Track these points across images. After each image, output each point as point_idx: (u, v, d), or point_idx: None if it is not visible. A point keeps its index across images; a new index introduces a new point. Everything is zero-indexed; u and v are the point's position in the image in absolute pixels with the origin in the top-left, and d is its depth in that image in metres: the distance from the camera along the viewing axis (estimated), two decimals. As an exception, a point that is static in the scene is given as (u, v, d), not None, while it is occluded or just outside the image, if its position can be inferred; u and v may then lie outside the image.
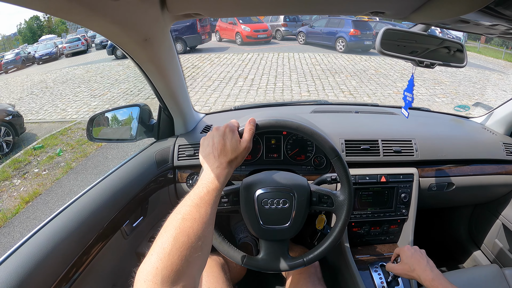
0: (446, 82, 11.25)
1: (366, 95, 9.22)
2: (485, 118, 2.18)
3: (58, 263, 1.06)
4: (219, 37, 20.25)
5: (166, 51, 1.27)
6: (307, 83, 10.38)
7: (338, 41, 16.50)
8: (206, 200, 0.87)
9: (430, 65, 1.27)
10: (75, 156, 6.25)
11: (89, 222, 1.22)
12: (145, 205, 1.62)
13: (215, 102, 8.54)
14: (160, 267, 0.71)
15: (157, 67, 1.29)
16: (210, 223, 0.86)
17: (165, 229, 0.80)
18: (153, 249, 0.75)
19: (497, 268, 1.67)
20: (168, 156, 1.68)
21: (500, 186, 1.98)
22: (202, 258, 0.81)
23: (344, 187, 1.18)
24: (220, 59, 14.18)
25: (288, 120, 1.12)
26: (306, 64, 13.24)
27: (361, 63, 13.62)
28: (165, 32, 1.16)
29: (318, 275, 1.60)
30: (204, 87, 9.93)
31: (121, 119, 1.74)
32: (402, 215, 1.77)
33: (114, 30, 0.96)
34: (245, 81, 10.62)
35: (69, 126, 7.88)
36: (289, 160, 1.73)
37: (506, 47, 22.00)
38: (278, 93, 9.35)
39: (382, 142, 1.75)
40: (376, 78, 11.10)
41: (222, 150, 0.97)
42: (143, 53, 1.17)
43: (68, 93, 11.40)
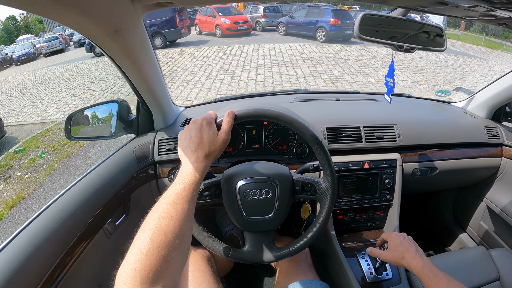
0: (427, 69, 11.37)
1: (348, 84, 9.28)
2: (466, 103, 2.20)
3: (41, 266, 1.04)
4: (199, 30, 20.15)
5: (140, 43, 1.23)
6: (288, 73, 10.39)
7: (318, 31, 16.53)
8: (183, 196, 0.85)
9: (410, 50, 1.26)
10: (58, 157, 6.16)
11: (70, 222, 1.19)
12: (127, 203, 1.58)
13: (197, 96, 8.52)
14: (138, 268, 0.70)
15: (131, 59, 1.25)
16: (188, 220, 0.84)
17: (142, 229, 0.79)
18: (131, 251, 0.74)
19: (483, 249, 1.69)
20: (148, 151, 1.65)
21: (483, 169, 2.00)
22: (181, 257, 0.80)
23: (326, 175, 1.17)
24: (200, 53, 14.13)
25: (267, 109, 1.10)
26: (287, 54, 13.26)
27: (342, 52, 13.69)
28: (137, 23, 1.12)
29: (308, 261, 1.60)
30: (185, 81, 9.89)
31: (99, 116, 1.69)
32: (386, 200, 1.77)
33: (83, 22, 0.92)
34: (226, 73, 10.59)
35: (50, 127, 7.77)
36: (271, 150, 1.71)
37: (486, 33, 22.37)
38: (259, 85, 9.35)
39: (364, 128, 1.75)
40: (357, 67, 11.18)
41: (199, 143, 0.95)
42: (115, 45, 1.13)
43: (48, 94, 11.23)
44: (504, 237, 2.05)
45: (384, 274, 1.53)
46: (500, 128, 2.00)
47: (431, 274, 1.07)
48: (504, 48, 20.11)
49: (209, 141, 0.95)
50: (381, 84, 9.11)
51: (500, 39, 23.00)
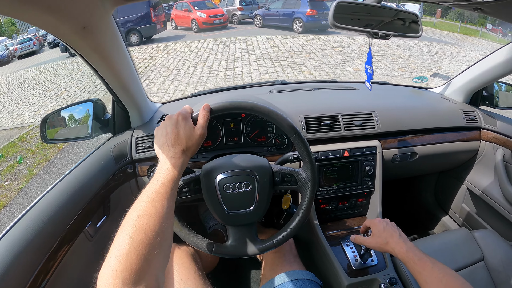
0: (404, 56, 11.47)
1: (326, 74, 9.30)
2: (444, 88, 2.22)
3: (22, 274, 1.02)
4: (175, 26, 19.96)
5: (110, 39, 1.20)
6: (266, 65, 10.37)
7: (295, 22, 16.51)
8: (162, 193, 0.85)
9: (385, 36, 1.25)
10: (37, 161, 6.05)
11: (49, 227, 1.16)
12: (107, 204, 1.56)
13: (175, 92, 8.45)
14: (119, 269, 0.70)
15: (102, 56, 1.22)
16: (168, 217, 0.84)
17: (122, 228, 0.78)
18: (111, 251, 0.74)
19: (466, 231, 1.72)
20: (125, 150, 1.63)
21: (462, 153, 2.04)
22: (162, 255, 0.80)
23: (306, 164, 1.17)
24: (177, 48, 14.01)
25: (243, 101, 1.10)
26: (264, 46, 13.23)
27: (319, 43, 13.71)
28: (106, 18, 1.10)
29: (293, 252, 1.60)
30: (162, 77, 9.80)
31: (75, 117, 1.65)
32: (368, 187, 1.79)
33: (48, 20, 0.90)
34: (203, 68, 10.53)
35: (27, 132, 7.61)
36: (250, 143, 1.71)
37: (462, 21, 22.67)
38: (237, 78, 9.32)
39: (342, 117, 1.76)
40: (335, 57, 11.20)
41: (176, 139, 0.94)
42: (83, 42, 1.10)
43: (24, 97, 10.97)
44: (486, 218, 2.09)
45: (369, 261, 1.53)
46: (478, 112, 2.03)
47: (415, 258, 1.07)
48: (479, 34, 20.44)
49: (186, 137, 0.94)
50: (359, 73, 9.19)
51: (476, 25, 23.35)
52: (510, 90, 2.12)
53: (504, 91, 2.12)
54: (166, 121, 0.99)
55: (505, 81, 2.07)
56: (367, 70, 1.47)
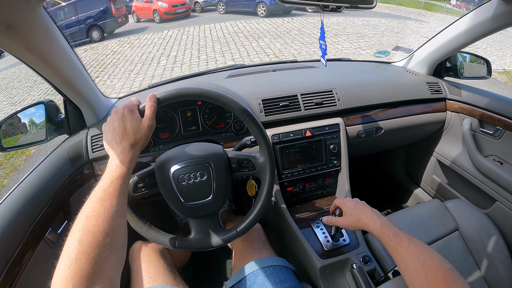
0: (369, 34, 11.61)
1: (292, 56, 9.34)
2: (407, 61, 2.22)
3: None
4: (137, 18, 19.69)
5: (42, 36, 1.12)
6: (231, 51, 10.35)
7: (258, 6, 16.47)
8: (110, 191, 0.82)
9: (336, 9, 1.20)
10: (5, 172, 5.88)
11: (6, 238, 1.10)
12: (67, 208, 1.49)
13: (140, 86, 8.33)
14: (69, 275, 0.67)
15: (37, 55, 1.15)
16: (118, 216, 0.80)
17: (71, 233, 0.75)
18: (61, 258, 0.71)
19: (439, 202, 1.74)
20: (81, 150, 1.56)
21: (429, 124, 2.04)
22: (115, 256, 0.76)
23: (262, 148, 1.15)
24: (140, 41, 13.85)
25: (190, 88, 1.06)
26: (228, 33, 13.20)
27: (284, 25, 13.75)
28: (33, 15, 1.02)
29: (262, 238, 1.58)
30: (127, 72, 9.67)
31: (28, 121, 1.58)
32: (334, 166, 1.77)
33: None
34: (168, 59, 10.44)
35: (-7, 143, 7.35)
36: (208, 130, 1.66)
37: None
38: (203, 67, 9.28)
39: (301, 96, 1.73)
40: (300, 38, 11.26)
41: (123, 133, 0.91)
42: (11, 42, 1.02)
43: (-14, 106, 10.68)
44: (457, 188, 2.11)
45: (341, 240, 1.52)
46: (442, 83, 2.04)
47: (391, 233, 1.03)
48: (444, 10, 20.73)
49: (133, 130, 0.92)
50: (326, 52, 9.19)
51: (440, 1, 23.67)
52: (474, 61, 2.12)
53: (468, 62, 2.12)
54: (113, 115, 0.95)
55: (469, 51, 2.07)
56: (321, 45, 1.45)
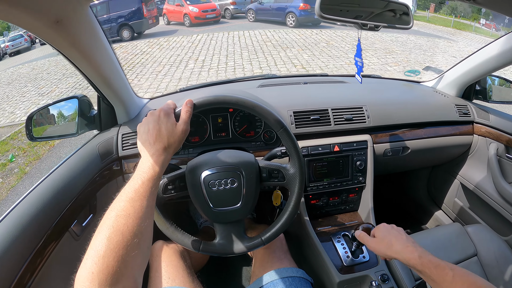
0: (397, 50, 11.50)
1: (319, 68, 9.31)
2: (436, 82, 2.21)
3: (6, 275, 0.99)
4: (167, 20, 19.90)
5: (88, 33, 1.16)
6: (258, 60, 10.37)
7: (288, 16, 16.49)
8: (141, 192, 0.82)
9: (374, 28, 1.23)
10: (28, 160, 6.00)
11: (33, 228, 1.13)
12: (93, 202, 1.52)
13: (167, 87, 8.42)
14: (95, 271, 0.68)
15: (80, 51, 1.18)
16: (147, 217, 0.81)
17: (99, 229, 0.76)
18: (88, 253, 0.72)
19: (459, 226, 1.71)
20: (112, 147, 1.59)
21: (455, 147, 2.02)
22: (141, 256, 0.77)
23: (293, 159, 1.15)
24: (169, 43, 13.97)
25: (227, 96, 1.07)
26: (257, 41, 13.22)
27: (312, 37, 13.71)
28: (81, 12, 1.07)
29: (283, 248, 1.58)
30: (154, 73, 9.77)
31: (60, 114, 1.62)
32: (359, 183, 1.77)
33: (17, 13, 0.86)
34: (196, 63, 10.50)
35: (18, 130, 7.54)
36: (238, 138, 1.68)
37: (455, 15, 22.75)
38: (230, 72, 9.30)
39: (332, 111, 1.74)
40: (327, 51, 11.21)
41: (158, 136, 0.92)
42: (58, 37, 1.06)
43: (15, 94, 10.89)
44: (478, 213, 2.08)
45: (360, 257, 1.52)
46: (471, 105, 2.02)
47: (431, 265, 0.97)
48: (473, 29, 20.52)
49: (167, 133, 0.92)
50: (352, 67, 9.17)
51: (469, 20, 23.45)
52: (503, 84, 2.11)
53: (497, 85, 2.10)
54: (148, 117, 0.96)
55: (498, 75, 2.05)
56: (356, 62, 1.45)
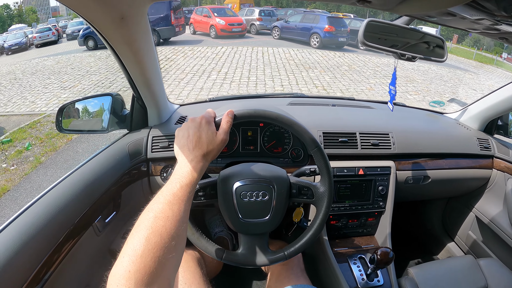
0: (418, 80, 11.46)
1: (340, 91, 9.30)
2: (460, 114, 2.22)
3: (28, 263, 1.01)
4: (193, 30, 20.08)
5: (143, 33, 1.22)
6: (280, 77, 10.41)
7: (312, 37, 16.60)
8: (180, 196, 0.84)
9: (412, 58, 1.26)
10: (45, 150, 6.05)
11: (59, 218, 1.15)
12: (117, 200, 1.55)
13: (188, 95, 8.47)
14: (132, 270, 0.69)
15: (132, 50, 1.24)
16: (184, 221, 0.83)
17: (137, 229, 0.77)
18: (125, 251, 0.72)
19: (472, 258, 1.71)
20: (141, 148, 1.62)
21: (474, 180, 2.02)
22: (176, 258, 0.79)
23: (324, 179, 1.16)
24: (193, 52, 14.07)
25: (267, 110, 1.09)
26: (280, 58, 13.27)
27: (335, 59, 13.73)
28: (142, 12, 1.12)
29: (301, 266, 1.58)
30: (177, 80, 9.84)
31: (92, 109, 1.66)
32: (379, 207, 1.78)
33: (90, 5, 0.92)
34: (218, 74, 10.56)
35: (38, 119, 7.63)
36: (266, 153, 1.71)
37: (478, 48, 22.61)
38: (251, 87, 9.33)
39: (360, 134, 1.76)
40: (349, 74, 11.22)
41: (198, 142, 0.93)
42: (118, 33, 1.12)
43: (38, 85, 11.02)
44: (492, 247, 2.07)
45: (375, 281, 1.53)
46: (492, 140, 2.03)
47: None
48: (494, 63, 20.37)
49: (207, 141, 0.94)
50: (372, 92, 9.19)
51: (491, 54, 23.29)
52: (524, 121, 2.12)
53: None
54: (189, 123, 0.98)
55: None
56: (390, 91, 1.49)
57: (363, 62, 13.35)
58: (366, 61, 13.55)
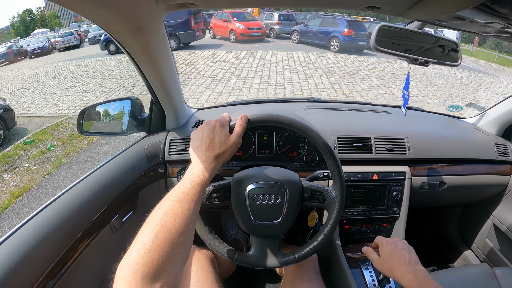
0: (438, 83, 11.32)
1: (359, 95, 9.25)
2: (478, 119, 2.18)
3: (45, 257, 1.04)
4: (213, 34, 20.22)
5: (159, 42, 1.25)
6: (300, 81, 10.39)
7: (332, 40, 16.53)
8: (190, 195, 0.86)
9: (425, 63, 1.26)
10: (66, 151, 6.18)
11: (77, 215, 1.20)
12: (135, 200, 1.59)
13: (208, 99, 8.52)
14: (140, 263, 0.71)
15: (150, 58, 1.28)
16: (193, 219, 0.85)
17: (147, 224, 0.80)
18: (134, 245, 0.76)
19: (487, 267, 1.66)
20: (159, 150, 1.67)
21: (491, 186, 1.98)
22: (183, 255, 0.81)
23: (336, 183, 1.17)
24: (213, 56, 14.16)
25: (281, 115, 1.11)
26: (299, 63, 13.25)
27: (355, 63, 13.66)
28: (158, 22, 1.15)
29: (315, 268, 1.59)
30: (197, 84, 9.92)
31: (112, 113, 1.71)
32: (393, 213, 1.77)
33: (107, 16, 0.95)
34: (238, 78, 10.61)
35: (60, 121, 7.80)
36: (281, 157, 1.72)
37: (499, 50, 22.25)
38: (271, 91, 9.35)
39: (374, 140, 1.75)
40: (369, 78, 11.14)
41: (210, 144, 0.96)
42: (136, 42, 1.16)
43: (60, 88, 11.29)
44: (509, 256, 2.03)
45: (387, 287, 1.52)
46: (510, 145, 1.99)
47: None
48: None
49: (220, 143, 0.97)
50: (392, 97, 9.13)
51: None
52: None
53: None
54: (204, 126, 1.01)
55: None
56: (404, 95, 1.48)
57: (383, 66, 13.23)
58: (386, 65, 13.43)
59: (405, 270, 1.06)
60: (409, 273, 1.05)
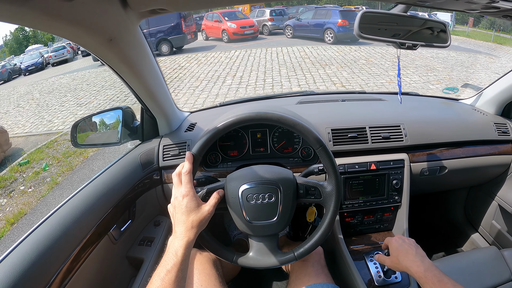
0: (438, 68, 11.28)
1: (359, 86, 9.23)
2: (475, 99, 2.17)
3: (45, 273, 1.05)
4: (206, 36, 20.29)
5: (136, 50, 1.23)
6: (297, 77, 10.37)
7: (326, 32, 16.51)
8: (167, 280, 0.91)
9: (412, 47, 1.23)
10: (61, 170, 6.18)
11: (74, 229, 1.20)
12: (132, 209, 1.60)
13: (204, 103, 8.52)
14: None
15: (129, 67, 1.26)
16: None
17: None
18: None
19: (495, 250, 1.67)
20: (153, 157, 1.68)
21: (493, 167, 1.98)
22: None
23: (331, 177, 1.17)
24: (207, 58, 14.19)
25: (269, 112, 1.12)
26: (295, 57, 13.24)
27: (351, 54, 13.63)
28: (132, 30, 1.12)
29: (322, 262, 1.57)
30: (192, 88, 9.92)
31: (105, 123, 1.73)
32: (395, 202, 1.76)
33: (74, 31, 0.92)
34: (233, 79, 10.60)
35: (55, 138, 7.83)
36: (276, 153, 1.71)
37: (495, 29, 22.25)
38: (268, 89, 9.34)
39: (369, 129, 1.74)
40: (367, 68, 11.11)
41: (185, 221, 1.03)
42: (110, 53, 1.13)
43: (54, 103, 11.36)
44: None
45: (393, 277, 1.51)
46: (510, 124, 1.97)
47: (435, 279, 1.02)
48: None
49: (193, 218, 1.04)
50: (393, 85, 9.11)
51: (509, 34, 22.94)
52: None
53: None
54: (173, 201, 1.07)
55: None
56: (399, 82, 1.50)
57: (381, 55, 13.20)
58: (384, 53, 13.40)
59: (413, 259, 1.11)
60: (417, 261, 1.10)
